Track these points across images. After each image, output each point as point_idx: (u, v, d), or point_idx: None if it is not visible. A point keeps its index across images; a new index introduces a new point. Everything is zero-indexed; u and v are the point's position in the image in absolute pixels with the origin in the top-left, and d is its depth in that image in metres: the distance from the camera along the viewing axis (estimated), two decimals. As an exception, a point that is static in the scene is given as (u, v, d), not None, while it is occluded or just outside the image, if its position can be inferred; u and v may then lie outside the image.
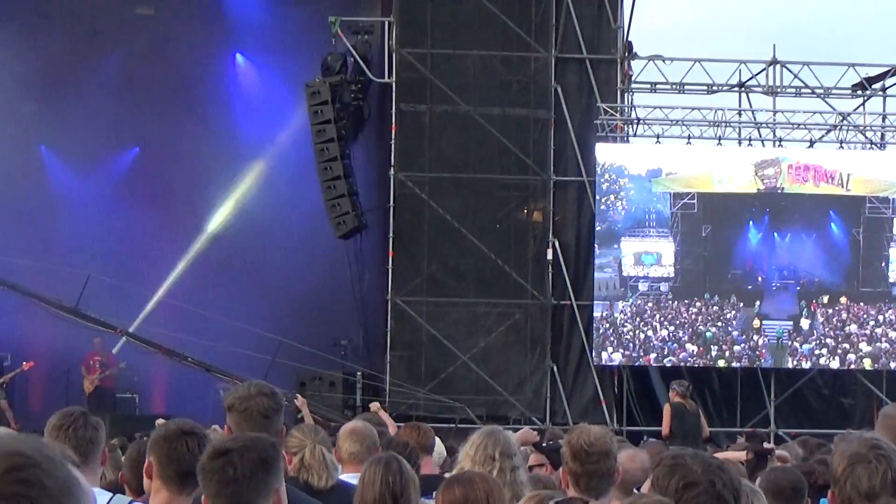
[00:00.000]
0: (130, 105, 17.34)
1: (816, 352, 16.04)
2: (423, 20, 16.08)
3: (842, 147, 16.43)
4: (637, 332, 16.11)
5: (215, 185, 18.28)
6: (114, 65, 17.74)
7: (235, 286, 17.18)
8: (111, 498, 3.67)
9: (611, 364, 15.86)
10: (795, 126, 16.45)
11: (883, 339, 16.03)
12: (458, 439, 6.32)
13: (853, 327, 16.12)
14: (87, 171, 18.07)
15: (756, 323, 16.10)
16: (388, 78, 16.05)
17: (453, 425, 13.01)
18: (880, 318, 16.20)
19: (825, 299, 15.92)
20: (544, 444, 7.25)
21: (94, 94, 17.03)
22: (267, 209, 18.07)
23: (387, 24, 16.22)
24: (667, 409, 12.93)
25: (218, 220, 18.33)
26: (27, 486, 1.04)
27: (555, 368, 15.81)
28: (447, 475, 4.86)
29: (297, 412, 12.47)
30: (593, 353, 15.71)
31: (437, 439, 7.07)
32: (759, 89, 16.55)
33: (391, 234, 15.91)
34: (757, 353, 15.92)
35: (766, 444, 10.19)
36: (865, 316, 16.27)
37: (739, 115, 16.59)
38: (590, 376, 15.66)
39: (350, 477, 4.88)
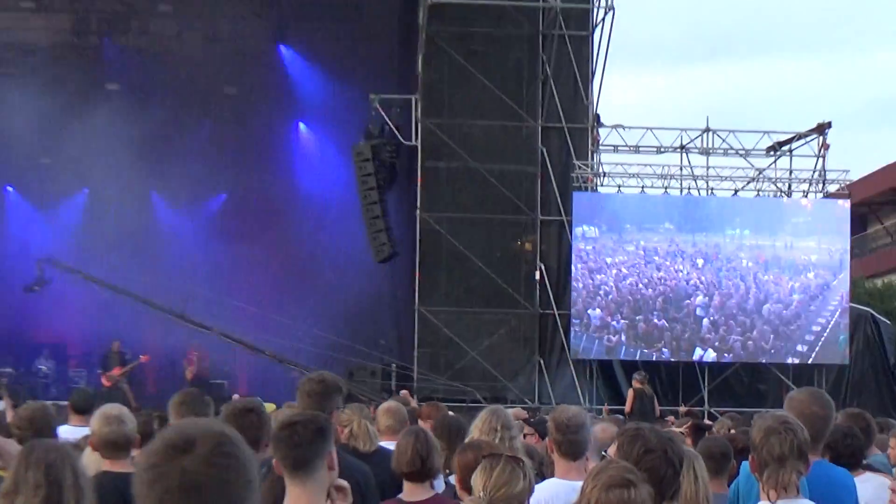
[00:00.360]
0: (219, 161, 20.03)
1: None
2: (442, 97, 18.23)
3: (758, 195, 18.42)
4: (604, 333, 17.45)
5: (284, 222, 20.63)
6: (206, 130, 20.39)
7: (301, 298, 19.29)
8: None
9: (584, 358, 17.37)
10: (723, 179, 18.35)
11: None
12: (469, 416, 6.46)
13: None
14: (187, 212, 20.84)
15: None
16: (415, 141, 17.95)
17: (464, 405, 14.13)
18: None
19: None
20: (533, 420, 8.32)
21: (191, 152, 19.56)
22: (323, 240, 20.40)
23: (414, 100, 18.13)
24: (630, 393, 14.97)
25: (287, 248, 20.57)
26: (230, 457, 1.31)
27: (541, 362, 17.57)
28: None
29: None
30: (570, 350, 17.41)
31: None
32: (696, 150, 18.42)
33: (418, 259, 17.84)
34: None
35: (704, 421, 11.48)
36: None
37: (681, 170, 18.37)
38: (568, 368, 17.43)
39: (387, 444, 5.36)
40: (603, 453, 4.20)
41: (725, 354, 17.78)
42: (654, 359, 17.56)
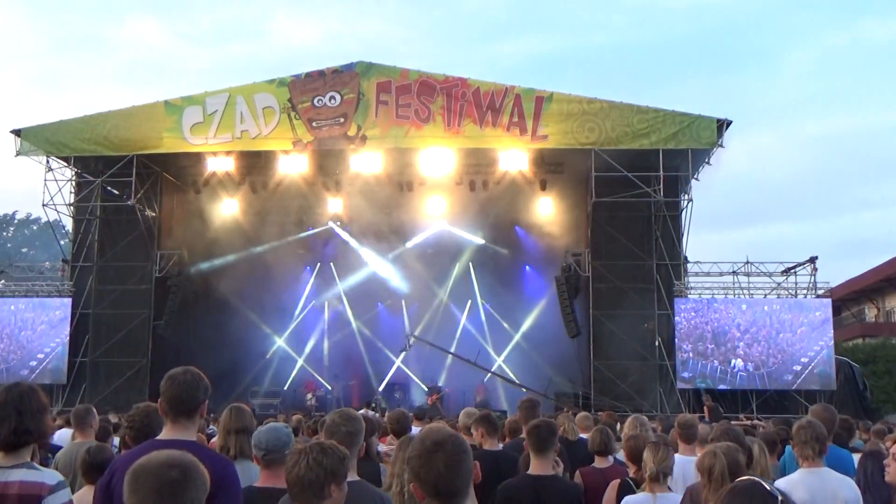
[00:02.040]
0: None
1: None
2: (601, 250, 24.89)
3: (777, 297, 25.34)
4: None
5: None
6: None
7: (534, 355, 27.06)
8: None
9: (682, 388, 23.70)
10: (758, 288, 25.51)
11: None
12: (622, 420, 9.50)
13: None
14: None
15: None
16: (588, 273, 24.73)
17: (619, 412, 16.54)
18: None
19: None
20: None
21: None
22: (540, 329, 27.95)
23: (585, 251, 25.11)
24: (706, 408, 20.15)
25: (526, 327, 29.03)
26: (466, 453, 2.29)
27: (661, 390, 23.85)
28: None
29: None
30: (676, 382, 24.13)
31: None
32: (742, 273, 25.53)
33: (591, 335, 24.62)
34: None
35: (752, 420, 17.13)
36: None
37: (733, 284, 25.52)
38: (675, 392, 23.70)
39: (584, 435, 7.53)
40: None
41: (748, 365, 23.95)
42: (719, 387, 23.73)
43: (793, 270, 25.90)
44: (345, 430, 4.08)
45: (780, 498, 2.32)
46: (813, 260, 25.51)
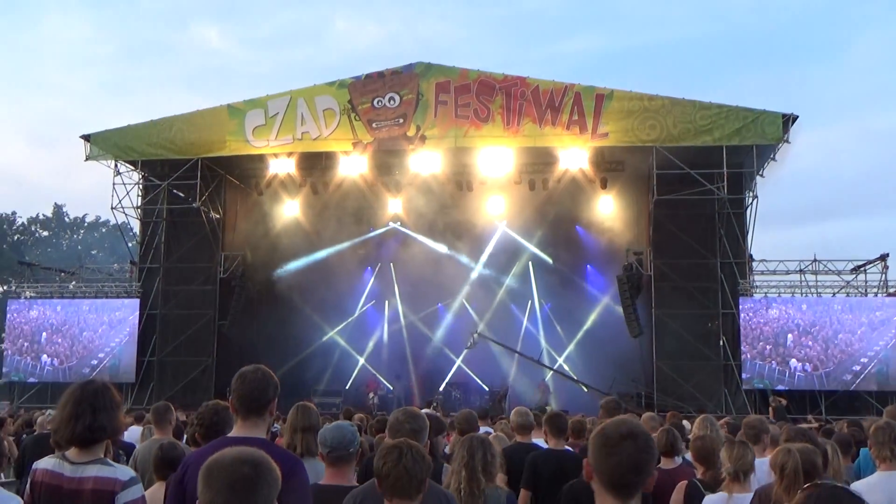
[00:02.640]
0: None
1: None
2: (664, 249, 24.52)
3: (847, 296, 24.29)
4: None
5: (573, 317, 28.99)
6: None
7: (598, 355, 26.66)
8: None
9: (747, 388, 23.35)
10: (826, 287, 25.01)
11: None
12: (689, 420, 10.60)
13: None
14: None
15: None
16: (650, 272, 24.60)
17: (684, 413, 21.64)
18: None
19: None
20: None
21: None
22: (602, 328, 27.62)
23: (648, 250, 24.91)
24: (771, 409, 19.96)
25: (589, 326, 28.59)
26: (652, 446, 2.20)
27: (726, 391, 23.43)
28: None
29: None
30: (742, 382, 23.56)
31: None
32: (809, 271, 25.15)
33: (654, 335, 24.35)
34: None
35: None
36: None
37: (800, 283, 24.93)
38: (741, 392, 23.32)
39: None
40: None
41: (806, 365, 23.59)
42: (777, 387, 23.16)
43: (863, 268, 25.44)
44: (409, 428, 4.14)
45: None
46: (884, 257, 25.02)
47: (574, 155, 24.54)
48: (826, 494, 2.30)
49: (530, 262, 29.73)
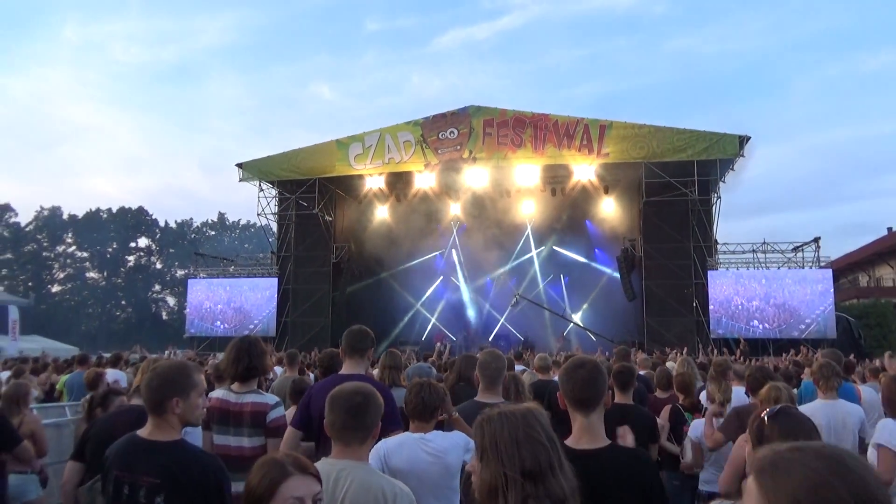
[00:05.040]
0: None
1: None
2: (652, 236, 23.65)
3: (788, 269, 23.31)
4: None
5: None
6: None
7: (603, 312, 26.61)
8: None
9: (715, 337, 22.21)
10: (773, 262, 23.78)
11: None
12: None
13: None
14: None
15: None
16: (641, 253, 23.87)
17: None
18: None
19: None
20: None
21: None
22: (606, 294, 27.03)
23: (639, 238, 24.07)
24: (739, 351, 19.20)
25: (598, 292, 27.80)
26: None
27: (698, 338, 23.29)
28: None
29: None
30: (710, 333, 22.38)
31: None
32: (761, 251, 24.05)
33: (644, 300, 23.53)
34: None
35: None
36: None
37: (753, 259, 24.23)
38: (710, 341, 24.30)
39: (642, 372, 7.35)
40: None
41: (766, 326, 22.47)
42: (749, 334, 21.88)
43: (800, 248, 24.44)
44: (495, 367, 3.96)
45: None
46: (817, 240, 23.98)
47: (584, 170, 24.07)
48: (789, 413, 2.31)
49: (553, 247, 29.22)
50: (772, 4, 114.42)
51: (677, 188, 23.09)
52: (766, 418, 2.34)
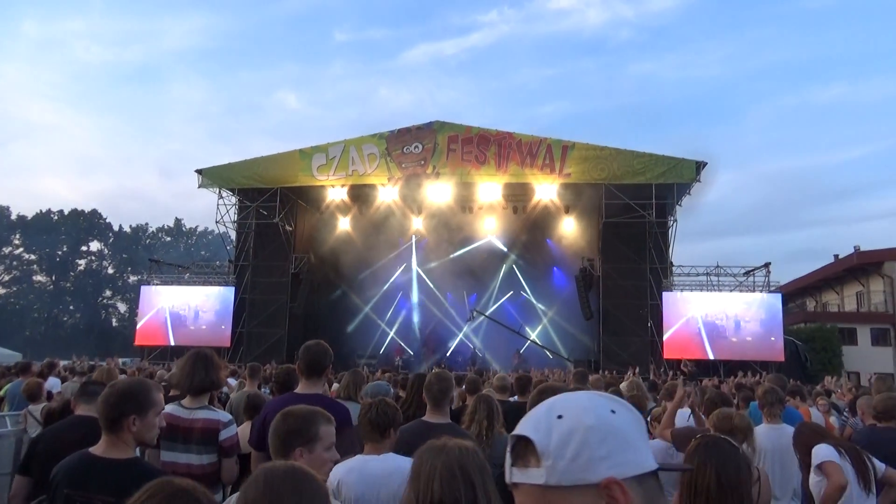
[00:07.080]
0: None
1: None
2: (610, 257, 23.93)
3: (740, 292, 23.97)
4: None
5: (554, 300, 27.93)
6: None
7: (562, 330, 27.00)
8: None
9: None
10: (725, 286, 24.14)
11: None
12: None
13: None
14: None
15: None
16: (598, 272, 24.08)
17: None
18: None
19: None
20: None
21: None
22: (563, 312, 26.98)
23: (598, 257, 24.25)
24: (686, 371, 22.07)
25: (557, 309, 27.58)
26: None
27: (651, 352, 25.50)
28: None
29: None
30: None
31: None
32: (714, 274, 24.48)
33: (601, 319, 23.69)
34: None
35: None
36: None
37: (706, 283, 24.66)
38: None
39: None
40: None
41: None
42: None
43: (752, 272, 24.80)
44: (438, 388, 3.93)
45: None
46: (767, 265, 24.45)
47: (546, 189, 24.19)
48: (711, 442, 2.28)
49: (514, 265, 29.21)
50: (731, 35, 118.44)
51: (636, 210, 23.28)
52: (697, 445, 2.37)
